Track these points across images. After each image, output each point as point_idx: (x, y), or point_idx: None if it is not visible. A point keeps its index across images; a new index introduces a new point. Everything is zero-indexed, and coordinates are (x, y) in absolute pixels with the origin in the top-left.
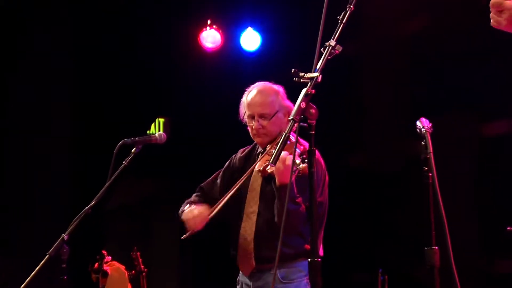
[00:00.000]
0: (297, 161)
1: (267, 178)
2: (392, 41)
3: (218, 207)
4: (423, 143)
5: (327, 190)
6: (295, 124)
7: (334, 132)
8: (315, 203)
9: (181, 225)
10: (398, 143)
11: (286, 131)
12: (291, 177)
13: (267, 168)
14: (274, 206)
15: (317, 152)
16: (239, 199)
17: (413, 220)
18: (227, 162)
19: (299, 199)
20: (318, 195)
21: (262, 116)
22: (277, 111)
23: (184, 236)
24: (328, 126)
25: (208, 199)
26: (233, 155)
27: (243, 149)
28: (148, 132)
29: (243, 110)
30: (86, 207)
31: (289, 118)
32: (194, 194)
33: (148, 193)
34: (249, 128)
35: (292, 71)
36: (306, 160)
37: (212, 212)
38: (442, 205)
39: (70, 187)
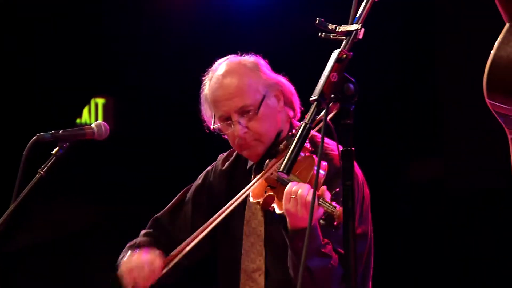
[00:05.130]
0: (324, 202)
1: (272, 212)
2: None
3: (179, 257)
4: None
5: (370, 214)
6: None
7: (388, 123)
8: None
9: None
10: (493, 145)
11: (306, 120)
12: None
13: (273, 204)
14: (288, 261)
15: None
16: (230, 249)
17: None
18: (200, 179)
19: (327, 249)
20: (356, 224)
21: (242, 111)
22: (265, 96)
23: None
24: (377, 112)
25: (167, 239)
26: (210, 168)
27: (224, 154)
28: (78, 121)
29: (209, 112)
30: None
31: (311, 99)
32: (143, 231)
33: (79, 222)
34: (228, 139)
35: (317, 21)
36: (340, 197)
37: (168, 264)
38: None
39: None
